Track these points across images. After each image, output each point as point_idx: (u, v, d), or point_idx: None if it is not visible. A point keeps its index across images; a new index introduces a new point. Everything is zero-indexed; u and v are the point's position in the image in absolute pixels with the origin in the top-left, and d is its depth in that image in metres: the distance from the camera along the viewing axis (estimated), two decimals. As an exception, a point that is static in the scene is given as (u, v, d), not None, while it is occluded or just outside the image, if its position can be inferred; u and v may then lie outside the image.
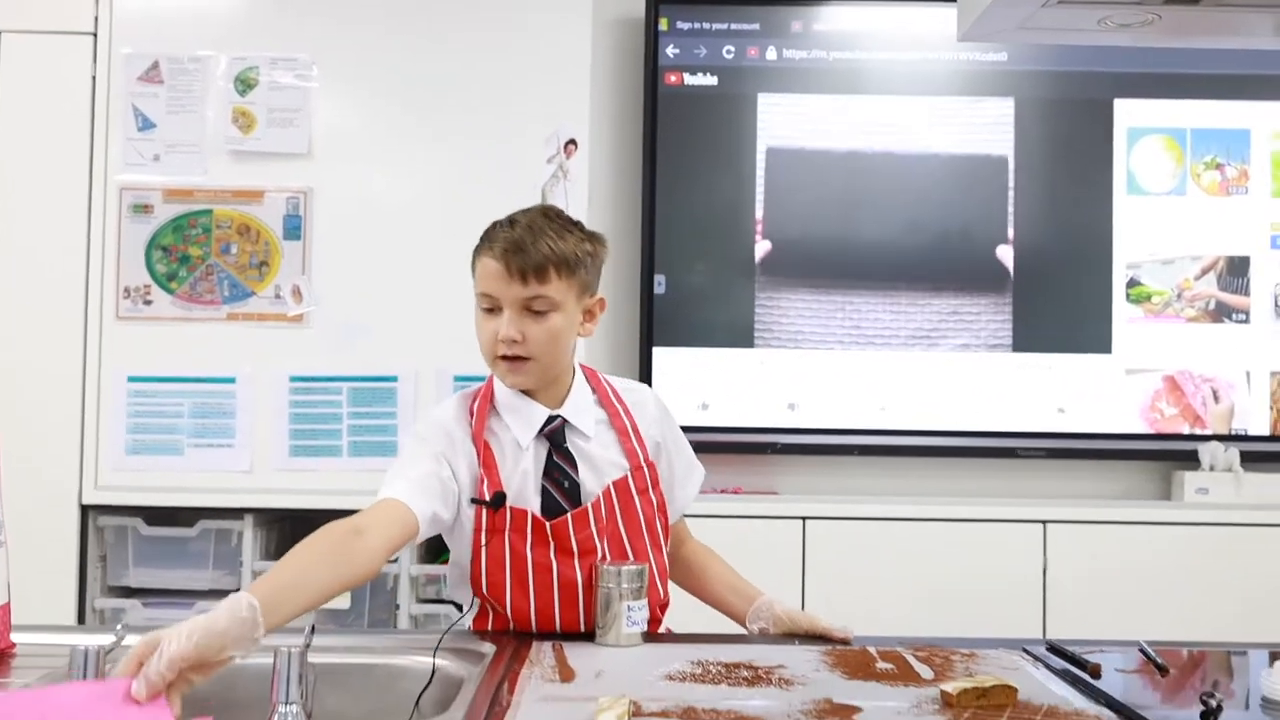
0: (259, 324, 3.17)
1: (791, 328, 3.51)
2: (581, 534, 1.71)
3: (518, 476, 1.72)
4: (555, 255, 1.66)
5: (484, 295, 1.70)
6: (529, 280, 1.65)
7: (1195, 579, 3.26)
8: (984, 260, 3.51)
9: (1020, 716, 1.30)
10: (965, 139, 3.54)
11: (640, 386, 1.90)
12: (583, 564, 1.70)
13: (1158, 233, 3.53)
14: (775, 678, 1.45)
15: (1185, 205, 3.53)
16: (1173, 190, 3.54)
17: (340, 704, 1.56)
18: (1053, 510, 3.31)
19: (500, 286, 1.67)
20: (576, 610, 1.70)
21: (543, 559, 1.69)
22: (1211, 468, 3.42)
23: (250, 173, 3.18)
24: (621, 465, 1.77)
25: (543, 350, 1.69)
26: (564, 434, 1.75)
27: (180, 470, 3.16)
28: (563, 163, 3.20)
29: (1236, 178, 3.53)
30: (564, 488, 1.72)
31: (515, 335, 1.67)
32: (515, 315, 1.67)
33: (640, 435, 1.81)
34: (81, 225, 3.15)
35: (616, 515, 1.74)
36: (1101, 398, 3.50)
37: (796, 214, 3.53)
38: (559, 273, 1.67)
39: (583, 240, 1.71)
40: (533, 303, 1.67)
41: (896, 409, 3.50)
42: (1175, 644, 1.76)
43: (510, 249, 1.65)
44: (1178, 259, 3.52)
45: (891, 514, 3.29)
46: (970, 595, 3.23)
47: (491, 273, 1.67)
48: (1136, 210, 3.53)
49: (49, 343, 3.13)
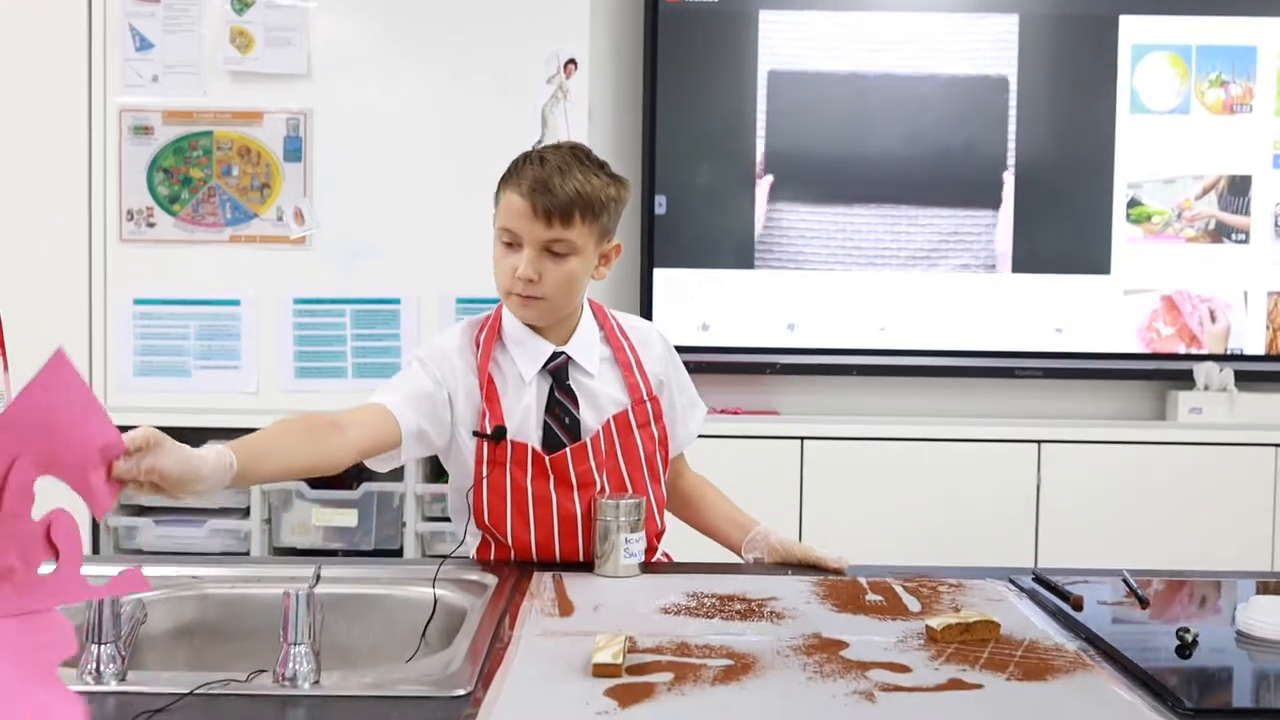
0: (262, 246, 3.18)
1: (792, 248, 3.52)
2: (580, 468, 1.75)
3: (519, 411, 1.75)
4: (581, 199, 1.66)
5: (505, 230, 1.71)
6: (553, 222, 1.66)
7: (1187, 498, 3.32)
8: (984, 180, 3.51)
9: (1001, 650, 1.35)
10: (967, 58, 3.51)
11: (647, 324, 1.93)
12: (582, 497, 1.74)
13: (1160, 152, 3.52)
14: (767, 611, 1.50)
15: (1188, 124, 3.51)
16: (1176, 109, 3.52)
17: (348, 635, 1.61)
18: (1047, 430, 3.35)
19: (523, 225, 1.67)
20: (576, 541, 1.75)
21: (543, 491, 1.74)
22: (1206, 387, 3.46)
23: (249, 94, 3.16)
24: (622, 401, 1.80)
25: (557, 291, 1.71)
26: (567, 371, 1.78)
27: (188, 391, 3.20)
28: (562, 83, 3.19)
29: (1241, 95, 3.51)
30: (564, 423, 1.76)
31: (532, 275, 1.68)
32: (534, 255, 1.68)
33: (644, 371, 1.84)
34: (82, 147, 3.15)
35: (616, 449, 1.78)
36: (1099, 318, 3.53)
37: (798, 135, 3.51)
38: (583, 217, 1.67)
39: (609, 184, 1.71)
40: (553, 244, 1.68)
41: (896, 329, 3.53)
42: (1161, 573, 1.82)
43: (538, 188, 1.65)
44: (1179, 178, 3.52)
45: (889, 434, 3.34)
46: (965, 515, 3.29)
47: (516, 210, 1.68)
48: (1139, 129, 3.51)
49: (55, 266, 3.15)
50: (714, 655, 1.31)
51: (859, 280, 3.52)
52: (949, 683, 1.23)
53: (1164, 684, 1.21)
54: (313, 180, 3.17)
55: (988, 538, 3.27)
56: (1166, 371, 3.55)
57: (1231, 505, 3.31)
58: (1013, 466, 3.32)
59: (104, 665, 1.20)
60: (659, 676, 1.23)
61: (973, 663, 1.30)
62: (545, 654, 1.31)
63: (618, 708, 1.14)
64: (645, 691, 1.18)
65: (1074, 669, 1.28)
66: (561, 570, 1.72)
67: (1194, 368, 3.48)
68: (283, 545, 3.30)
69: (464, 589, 1.62)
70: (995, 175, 3.50)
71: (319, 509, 3.28)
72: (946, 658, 1.32)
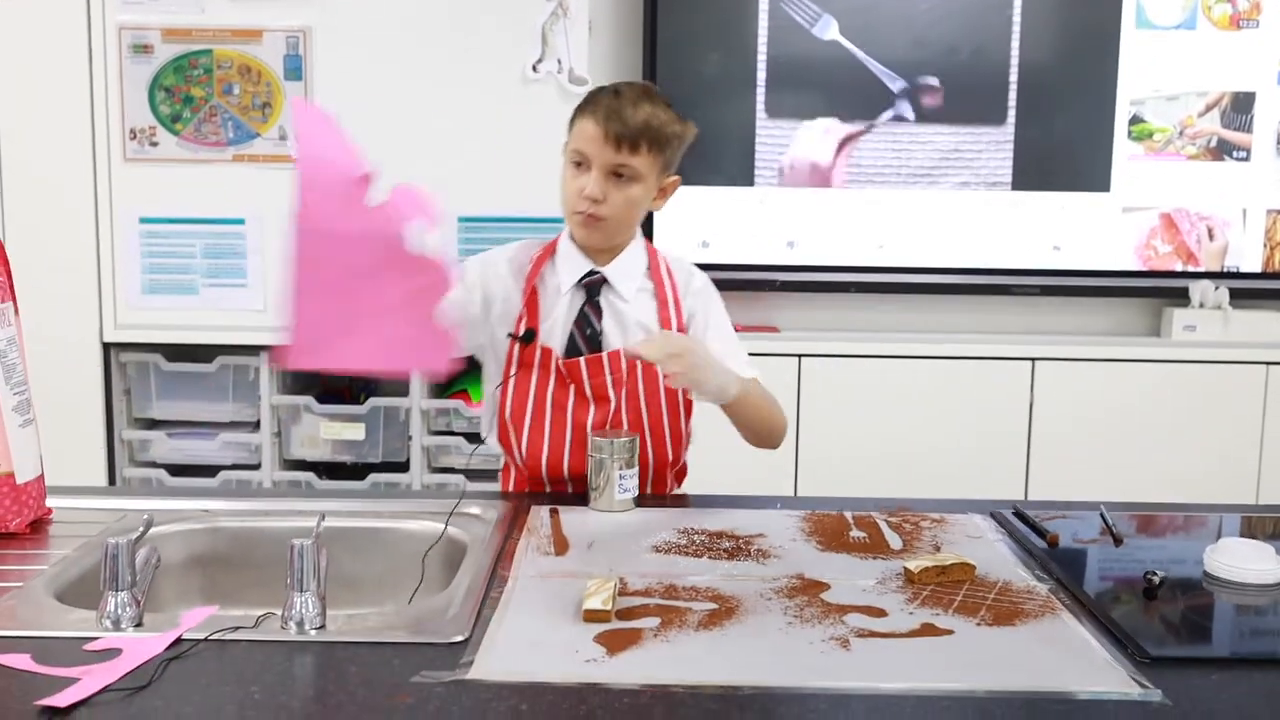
0: (264, 166, 3.21)
1: (791, 165, 3.53)
2: (595, 380, 1.85)
3: (551, 320, 1.89)
4: (649, 129, 1.78)
5: (576, 152, 1.83)
6: (621, 148, 1.78)
7: (1180, 415, 3.37)
8: (986, 98, 3.49)
9: (975, 593, 1.41)
10: (973, -30, 3.47)
11: (695, 269, 2.01)
12: (598, 411, 1.86)
13: (1164, 68, 3.49)
14: (754, 549, 1.57)
15: (1193, 39, 3.48)
16: (1182, 24, 3.48)
17: (354, 567, 1.69)
18: (1041, 348, 3.39)
19: (594, 148, 1.79)
20: (584, 455, 1.83)
21: (560, 399, 1.86)
22: (1201, 305, 3.49)
23: (248, 11, 3.16)
24: (650, 330, 1.88)
25: (618, 213, 1.83)
26: (600, 289, 1.89)
27: (196, 309, 3.26)
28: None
29: (1249, 10, 3.47)
30: (586, 335, 1.88)
31: (598, 194, 1.80)
32: (601, 177, 1.80)
33: (680, 308, 1.93)
34: (83, 66, 3.16)
35: (637, 374, 1.87)
36: (1097, 236, 3.54)
37: (799, 51, 3.49)
38: (649, 146, 1.79)
39: (675, 121, 1.83)
40: (620, 169, 1.80)
41: (895, 247, 3.55)
42: (1141, 505, 1.88)
43: (611, 115, 1.78)
44: (1182, 95, 3.50)
45: (886, 351, 3.39)
46: (959, 431, 3.36)
47: (588, 134, 1.80)
48: (1143, 45, 3.48)
49: (60, 187, 3.19)
50: (699, 598, 1.38)
51: (859, 198, 3.53)
52: (921, 628, 1.30)
53: (1126, 631, 1.27)
54: (313, 99, 3.17)
55: (980, 454, 3.34)
56: (1162, 289, 3.58)
57: (1223, 422, 3.37)
58: (1007, 383, 3.37)
59: (121, 611, 1.26)
60: (646, 622, 1.29)
61: (946, 606, 1.36)
62: (540, 597, 1.37)
63: (606, 655, 1.20)
64: (632, 638, 1.25)
65: (1043, 613, 1.35)
66: (559, 503, 1.78)
67: (1190, 285, 3.51)
68: (292, 458, 3.38)
69: (465, 522, 1.69)
70: (998, 93, 3.49)
71: (327, 423, 3.36)
72: (921, 600, 1.38)
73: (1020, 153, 3.50)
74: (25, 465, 1.61)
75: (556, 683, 1.14)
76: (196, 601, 1.68)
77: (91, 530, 1.62)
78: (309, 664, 1.19)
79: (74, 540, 1.58)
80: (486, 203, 3.22)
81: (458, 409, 3.34)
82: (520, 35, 3.17)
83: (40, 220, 3.18)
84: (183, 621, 1.26)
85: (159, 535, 1.57)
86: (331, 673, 1.16)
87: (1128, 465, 3.33)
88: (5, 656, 1.17)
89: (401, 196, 1.50)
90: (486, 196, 3.21)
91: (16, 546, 1.56)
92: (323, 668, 1.18)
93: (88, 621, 1.28)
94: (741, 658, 1.21)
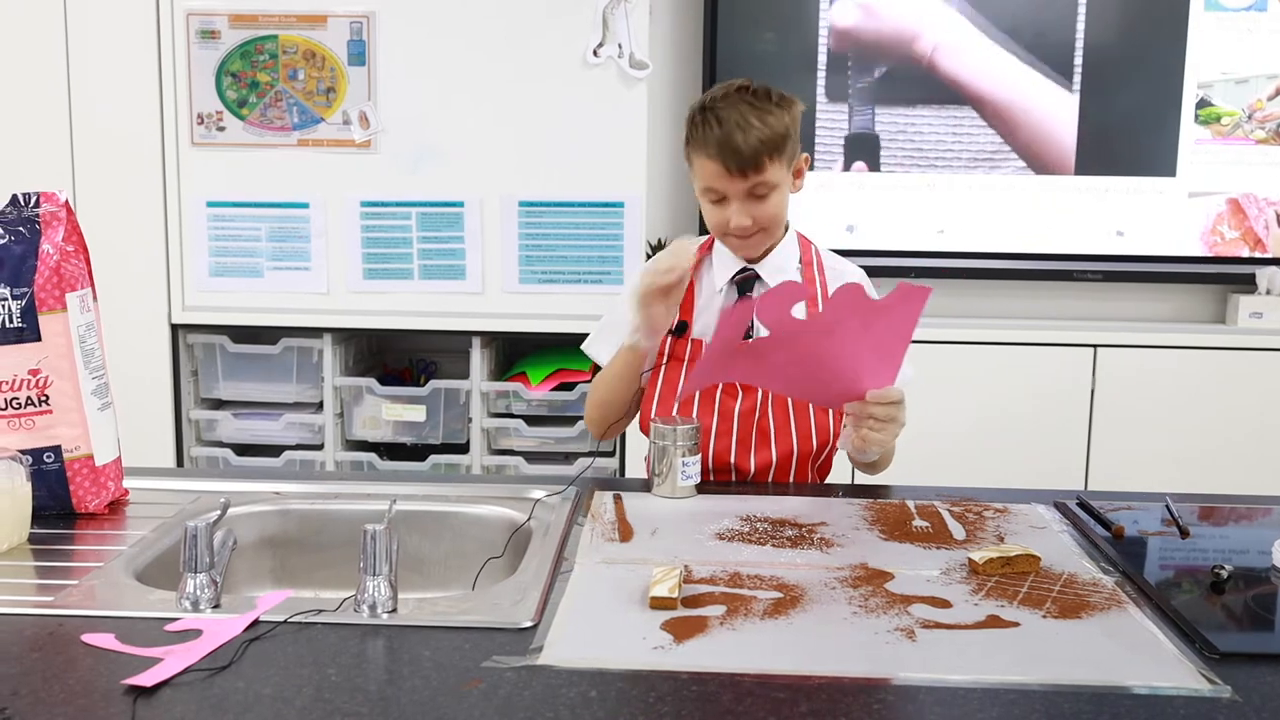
0: (329, 150, 3.25)
1: (851, 149, 3.51)
2: None
3: (705, 315, 1.93)
4: (765, 145, 1.77)
5: (708, 190, 1.84)
6: (748, 174, 1.79)
7: (1245, 403, 3.32)
8: (1050, 80, 3.45)
9: (1040, 585, 1.41)
10: (1038, -50, 3.43)
11: (853, 267, 2.02)
12: (745, 401, 1.90)
13: (1232, 50, 3.43)
14: (816, 538, 1.58)
15: (1264, 21, 3.42)
16: (1252, 5, 3.42)
17: (419, 547, 1.72)
18: (1104, 335, 3.36)
19: (723, 183, 1.81)
20: (729, 443, 1.89)
21: (709, 389, 1.91)
22: (1268, 291, 3.44)
23: (313, -4, 3.20)
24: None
25: (770, 223, 1.86)
26: (753, 285, 1.92)
27: (261, 291, 3.31)
28: (624, -17, 3.18)
29: (1322, -9, 3.40)
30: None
31: (746, 223, 1.83)
32: (741, 204, 1.82)
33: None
34: (152, 52, 3.21)
35: None
36: (1162, 221, 3.50)
37: (862, 28, 3.47)
38: (771, 158, 1.79)
39: (783, 114, 1.81)
40: (755, 189, 1.81)
41: (955, 232, 3.53)
42: (1207, 497, 1.85)
43: (724, 149, 1.77)
44: (1252, 78, 3.44)
45: (946, 337, 3.36)
46: (1020, 419, 3.33)
47: (711, 173, 1.81)
48: (1213, 27, 3.42)
49: (130, 171, 3.25)
50: (764, 586, 1.39)
51: (919, 182, 3.51)
52: (987, 619, 1.30)
53: (1195, 626, 1.27)
54: (376, 84, 3.21)
55: (1041, 441, 3.31)
56: (1228, 275, 3.53)
57: (1290, 411, 3.32)
58: (1069, 370, 3.33)
59: (200, 592, 1.30)
60: (712, 610, 1.31)
61: (1011, 598, 1.36)
62: (606, 584, 1.39)
63: (673, 642, 1.22)
64: (699, 625, 1.26)
65: (1109, 606, 1.34)
66: (623, 492, 1.80)
67: (1256, 272, 3.45)
68: (354, 438, 3.43)
69: (529, 507, 1.71)
70: (1063, 77, 3.44)
71: (389, 404, 3.40)
72: (986, 592, 1.38)
73: (1084, 137, 3.46)
74: (104, 447, 1.65)
75: (625, 669, 1.16)
76: (268, 582, 1.72)
77: (167, 511, 1.66)
78: (382, 648, 1.21)
79: (151, 521, 1.62)
80: (547, 187, 3.24)
81: (517, 391, 3.37)
82: (581, 19, 3.17)
83: (110, 205, 3.25)
84: (260, 604, 1.29)
85: (232, 517, 1.61)
86: (405, 656, 1.19)
87: (1191, 454, 3.30)
88: (91, 636, 1.21)
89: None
90: (548, 181, 3.23)
91: (95, 527, 1.61)
92: (396, 651, 1.20)
93: (167, 602, 1.31)
94: (807, 647, 1.22)
